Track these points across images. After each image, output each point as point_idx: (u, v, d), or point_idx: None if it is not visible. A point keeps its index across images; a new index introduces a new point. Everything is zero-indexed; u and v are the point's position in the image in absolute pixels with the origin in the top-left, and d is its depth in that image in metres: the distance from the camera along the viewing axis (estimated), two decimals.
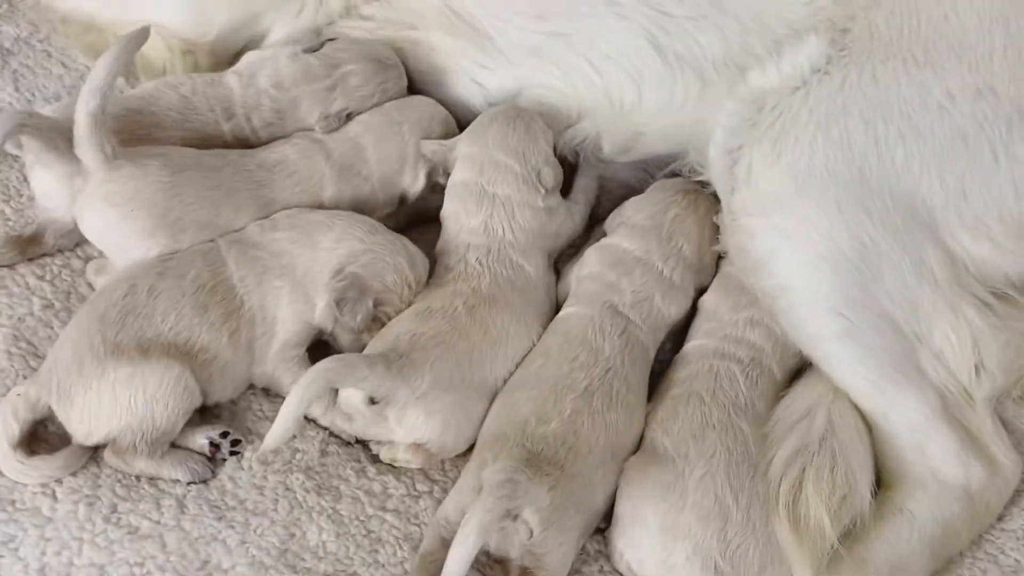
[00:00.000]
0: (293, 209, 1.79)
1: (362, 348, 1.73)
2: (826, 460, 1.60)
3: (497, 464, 1.49)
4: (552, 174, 1.87)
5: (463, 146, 1.88)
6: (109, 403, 1.56)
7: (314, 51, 1.92)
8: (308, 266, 1.71)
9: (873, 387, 1.65)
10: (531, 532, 1.47)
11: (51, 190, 1.77)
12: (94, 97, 1.65)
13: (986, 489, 1.62)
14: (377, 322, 1.73)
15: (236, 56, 2.04)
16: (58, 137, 1.70)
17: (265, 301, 1.69)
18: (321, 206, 1.83)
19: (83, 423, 1.57)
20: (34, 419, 1.57)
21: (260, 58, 1.95)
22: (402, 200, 1.93)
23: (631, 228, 1.85)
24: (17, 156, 1.88)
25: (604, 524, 1.63)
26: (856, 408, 1.67)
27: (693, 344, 1.78)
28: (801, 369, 1.76)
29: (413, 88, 2.04)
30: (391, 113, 1.92)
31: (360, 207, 1.85)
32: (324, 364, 1.55)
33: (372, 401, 1.62)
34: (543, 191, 1.86)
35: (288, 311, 1.69)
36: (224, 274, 1.69)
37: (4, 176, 1.89)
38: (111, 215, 1.70)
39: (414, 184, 1.91)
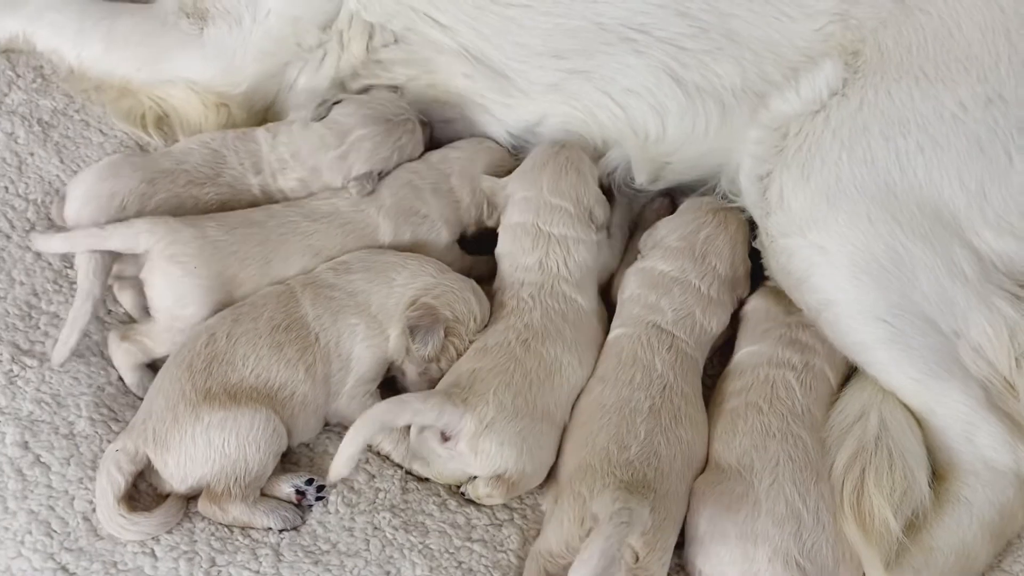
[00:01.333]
0: (361, 251, 1.86)
1: (429, 382, 1.79)
2: (884, 459, 1.69)
3: (607, 494, 1.55)
4: (602, 212, 1.95)
5: (516, 189, 1.95)
6: (204, 447, 1.61)
7: (322, 118, 1.97)
8: (383, 301, 1.78)
9: (919, 385, 1.74)
10: (637, 556, 1.54)
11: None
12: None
13: None
14: (446, 352, 1.79)
15: (270, 107, 2.11)
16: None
17: (341, 338, 1.75)
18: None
19: (179, 467, 1.61)
20: (135, 470, 1.60)
21: (280, 124, 2.02)
22: (463, 237, 2.00)
23: (665, 250, 1.92)
24: None
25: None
26: (905, 407, 1.76)
27: (745, 352, 1.86)
28: (850, 374, 1.84)
29: (436, 128, 2.10)
30: (438, 164, 2.00)
31: (422, 246, 1.92)
32: (378, 406, 1.63)
33: (445, 438, 1.68)
34: (594, 227, 1.94)
35: (363, 346, 1.76)
36: (297, 313, 1.75)
37: None
38: (174, 272, 1.76)
39: (491, 217, 1.99)
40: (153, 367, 1.78)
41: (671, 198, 2.10)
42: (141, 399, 1.73)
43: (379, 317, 1.78)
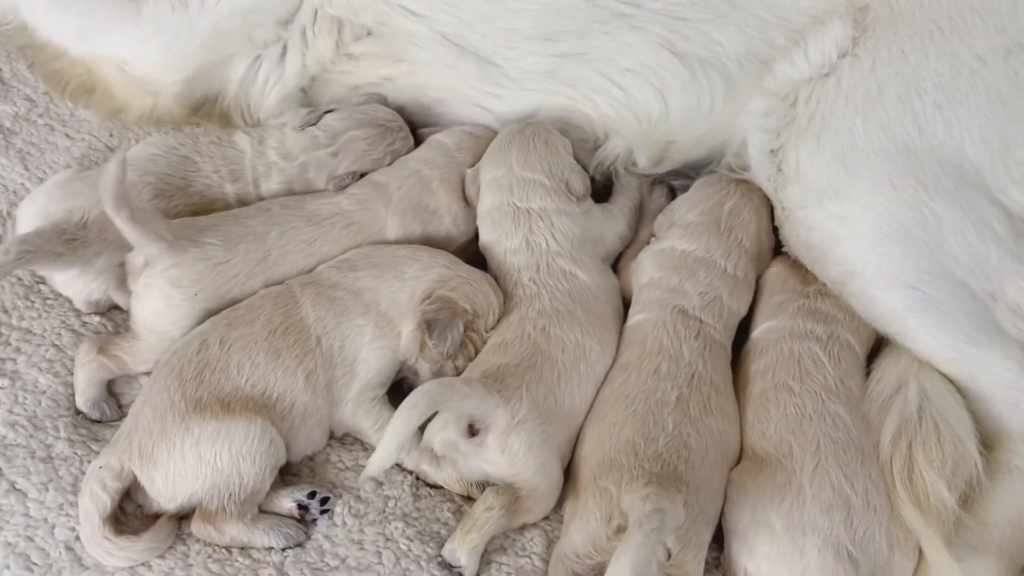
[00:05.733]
0: (365, 248, 1.75)
1: None
2: (930, 431, 1.58)
3: (637, 491, 1.43)
4: (580, 180, 1.85)
5: (487, 171, 1.85)
6: (194, 462, 1.48)
7: (313, 124, 1.87)
8: (394, 297, 1.66)
9: (956, 352, 1.64)
10: (669, 553, 1.41)
11: (75, 284, 1.71)
12: (120, 206, 1.55)
13: None
14: (463, 349, 1.67)
15: (199, 104, 1.97)
16: (55, 244, 1.63)
17: (346, 341, 1.63)
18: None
19: (168, 484, 1.49)
20: (121, 488, 1.47)
21: (266, 128, 1.91)
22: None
23: (685, 227, 1.81)
24: None
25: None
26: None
27: (763, 328, 1.75)
28: (878, 345, 1.74)
29: (416, 122, 1.99)
30: (453, 152, 1.89)
31: (431, 244, 1.80)
32: (427, 386, 1.50)
33: (472, 432, 1.55)
34: (575, 198, 1.83)
35: (371, 348, 1.64)
36: (296, 315, 1.63)
37: None
38: (176, 296, 1.64)
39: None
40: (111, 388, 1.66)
41: (669, 187, 1.99)
42: (99, 421, 1.61)
43: (389, 314, 1.66)
